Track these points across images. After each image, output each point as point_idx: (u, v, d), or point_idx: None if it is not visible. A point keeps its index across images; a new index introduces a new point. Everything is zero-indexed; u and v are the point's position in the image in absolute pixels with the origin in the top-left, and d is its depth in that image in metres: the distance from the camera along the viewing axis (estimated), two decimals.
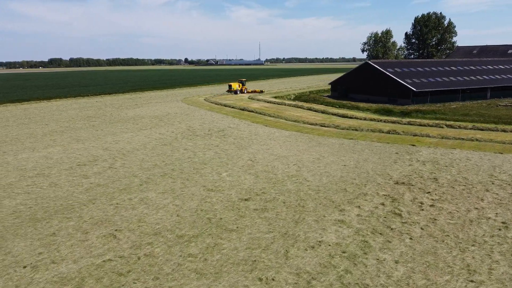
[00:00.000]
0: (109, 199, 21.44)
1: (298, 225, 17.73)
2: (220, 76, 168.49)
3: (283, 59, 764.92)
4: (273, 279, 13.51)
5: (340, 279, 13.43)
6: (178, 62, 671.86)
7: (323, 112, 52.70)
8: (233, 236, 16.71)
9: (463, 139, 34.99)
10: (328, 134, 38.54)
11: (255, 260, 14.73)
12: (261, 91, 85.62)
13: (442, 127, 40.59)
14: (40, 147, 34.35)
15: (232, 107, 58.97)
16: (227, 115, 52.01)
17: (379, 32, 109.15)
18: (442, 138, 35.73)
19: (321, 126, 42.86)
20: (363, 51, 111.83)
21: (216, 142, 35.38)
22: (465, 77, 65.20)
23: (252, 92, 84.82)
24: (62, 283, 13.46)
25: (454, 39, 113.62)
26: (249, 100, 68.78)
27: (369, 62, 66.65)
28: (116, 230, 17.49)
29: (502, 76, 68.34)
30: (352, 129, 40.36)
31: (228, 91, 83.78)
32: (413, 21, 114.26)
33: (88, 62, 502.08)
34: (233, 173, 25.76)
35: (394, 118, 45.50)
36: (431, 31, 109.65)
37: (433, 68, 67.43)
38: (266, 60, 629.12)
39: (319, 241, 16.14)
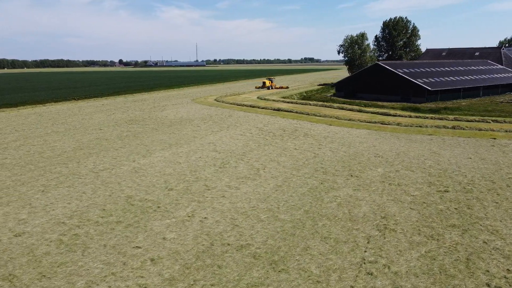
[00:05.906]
0: (315, 198, 21.61)
1: None
2: (189, 78, 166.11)
3: (220, 60, 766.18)
4: None
5: None
6: (111, 63, 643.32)
7: (359, 111, 55.22)
8: (496, 223, 18.12)
9: None
10: (399, 131, 40.88)
11: None
12: (287, 87, 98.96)
13: (489, 122, 44.87)
14: (143, 152, 32.62)
15: (263, 108, 59.45)
16: (270, 115, 52.48)
17: (354, 34, 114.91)
18: (506, 131, 39.73)
19: (381, 124, 45.20)
20: (339, 52, 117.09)
21: (312, 141, 36.10)
22: (461, 77, 71.79)
23: (279, 88, 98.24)
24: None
25: (418, 42, 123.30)
26: (266, 101, 69.40)
27: (379, 63, 70.65)
28: (384, 225, 18.07)
29: (487, 75, 76.17)
30: (416, 126, 43.16)
31: (261, 87, 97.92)
32: (381, 25, 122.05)
33: (14, 63, 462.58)
34: (387, 169, 26.95)
35: (438, 115, 49.20)
36: (399, 34, 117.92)
37: (432, 69, 73.27)
38: (203, 61, 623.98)
39: None
